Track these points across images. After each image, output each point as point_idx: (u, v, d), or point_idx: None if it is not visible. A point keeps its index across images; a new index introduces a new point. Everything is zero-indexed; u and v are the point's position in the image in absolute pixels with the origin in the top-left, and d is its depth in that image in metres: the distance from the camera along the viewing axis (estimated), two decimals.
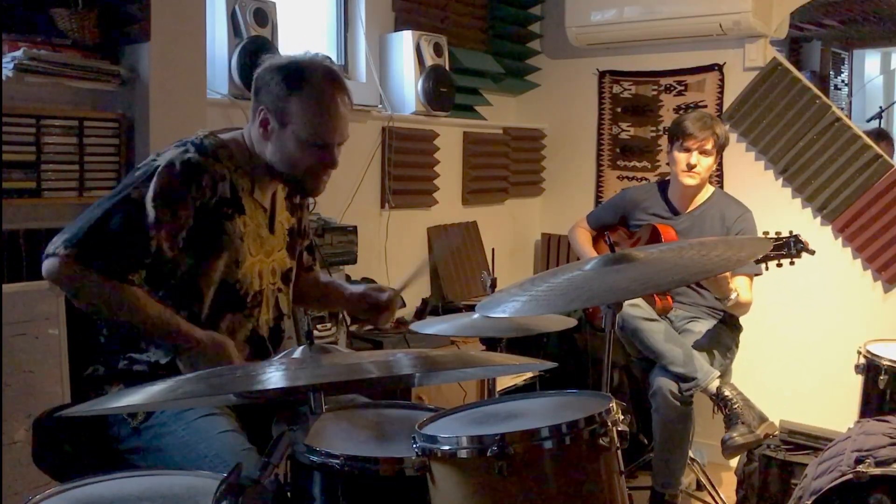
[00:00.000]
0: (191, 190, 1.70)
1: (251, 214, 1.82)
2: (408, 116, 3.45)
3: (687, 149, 2.97)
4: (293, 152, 1.77)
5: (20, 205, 2.17)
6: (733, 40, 3.67)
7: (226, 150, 1.80)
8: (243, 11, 2.70)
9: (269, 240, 1.88)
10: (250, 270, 1.82)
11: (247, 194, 1.81)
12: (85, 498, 1.25)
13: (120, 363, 1.74)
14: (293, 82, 1.74)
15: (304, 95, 1.74)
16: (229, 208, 1.77)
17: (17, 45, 2.17)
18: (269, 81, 1.76)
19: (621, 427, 1.35)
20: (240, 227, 1.78)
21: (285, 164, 1.79)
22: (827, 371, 3.46)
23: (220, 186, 1.75)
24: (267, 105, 1.76)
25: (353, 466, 1.38)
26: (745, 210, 3.05)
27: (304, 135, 1.75)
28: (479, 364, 1.61)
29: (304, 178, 1.81)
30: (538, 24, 4.31)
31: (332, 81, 1.77)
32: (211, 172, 1.73)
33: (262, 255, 1.85)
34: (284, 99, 1.74)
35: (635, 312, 2.86)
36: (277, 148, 1.78)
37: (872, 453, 1.89)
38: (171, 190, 1.68)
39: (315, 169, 1.80)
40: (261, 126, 1.78)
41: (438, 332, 2.05)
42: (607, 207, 3.37)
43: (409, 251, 3.59)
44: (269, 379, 1.18)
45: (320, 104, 1.75)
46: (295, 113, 1.74)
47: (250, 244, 1.81)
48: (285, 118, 1.75)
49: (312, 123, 1.75)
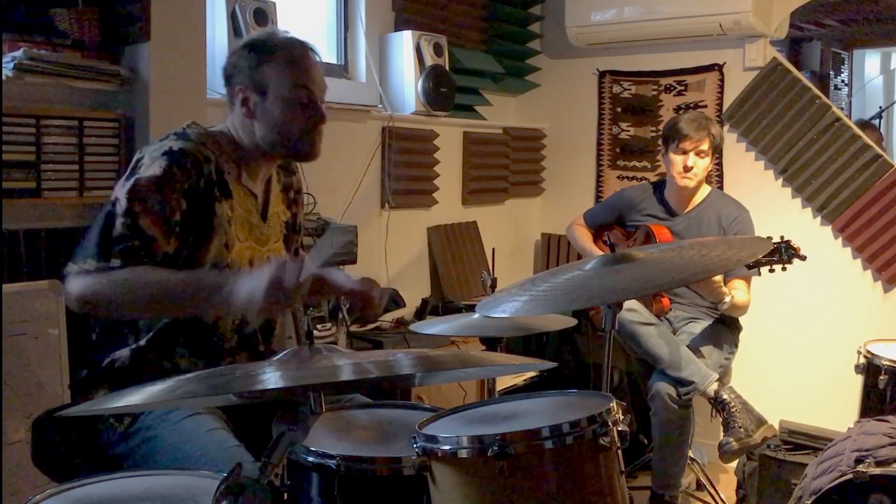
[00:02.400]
0: (174, 174, 1.69)
1: (239, 200, 1.81)
2: (408, 116, 3.45)
3: (683, 150, 2.96)
4: (280, 116, 1.78)
5: (20, 205, 2.17)
6: (733, 40, 3.67)
7: (210, 137, 1.80)
8: (243, 11, 2.70)
9: (260, 227, 1.87)
10: (240, 256, 1.80)
11: (234, 179, 1.81)
12: (85, 498, 1.25)
13: (104, 361, 1.74)
14: (262, 52, 1.78)
15: (275, 59, 1.78)
16: (217, 191, 1.76)
17: (17, 45, 2.17)
18: (238, 62, 1.80)
19: (621, 427, 1.35)
20: (226, 210, 1.77)
21: (275, 131, 1.79)
22: (827, 371, 3.46)
23: (206, 168, 1.74)
24: (242, 83, 1.79)
25: (350, 466, 1.38)
26: (743, 211, 3.04)
27: (286, 93, 1.77)
28: (479, 364, 1.61)
29: (298, 142, 1.82)
30: (538, 24, 4.31)
31: (297, 41, 1.83)
32: (194, 156, 1.73)
33: (252, 242, 1.84)
34: (257, 70, 1.78)
35: (632, 317, 2.85)
36: (263, 119, 1.79)
37: (872, 453, 1.89)
38: (155, 178, 1.67)
39: (306, 127, 1.81)
40: (242, 107, 1.80)
41: (438, 333, 2.05)
42: (604, 207, 3.37)
43: (409, 251, 3.59)
44: (269, 379, 1.18)
45: (293, 60, 1.79)
46: (271, 77, 1.77)
47: (238, 229, 1.80)
48: (263, 86, 1.78)
49: (290, 78, 1.77)
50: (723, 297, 2.78)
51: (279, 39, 1.81)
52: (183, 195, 1.69)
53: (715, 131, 2.98)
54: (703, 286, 2.77)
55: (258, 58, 1.78)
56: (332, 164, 3.15)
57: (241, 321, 1.83)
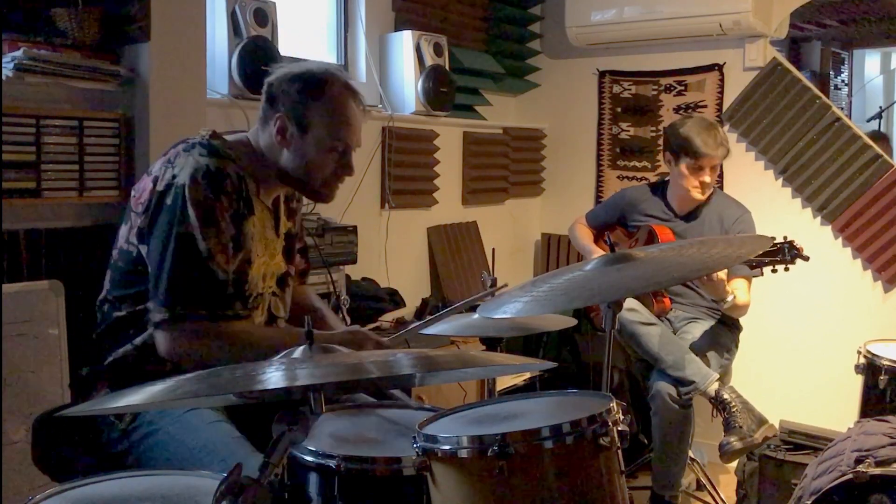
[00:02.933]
0: (221, 200, 1.71)
1: (259, 216, 1.83)
2: (408, 116, 3.45)
3: (700, 167, 2.94)
4: (314, 158, 1.82)
5: (20, 205, 2.17)
6: (733, 40, 3.67)
7: (234, 151, 1.80)
8: (243, 11, 2.70)
9: (273, 242, 1.89)
10: (257, 271, 1.83)
11: (254, 195, 1.82)
12: (85, 498, 1.25)
13: (107, 359, 1.74)
14: (313, 91, 1.80)
15: (324, 102, 1.80)
16: (246, 208, 1.78)
17: (17, 45, 2.17)
18: (288, 90, 1.80)
19: (622, 427, 1.34)
20: (250, 227, 1.79)
21: (304, 169, 1.83)
22: (827, 371, 3.46)
23: (242, 187, 1.77)
24: (285, 112, 1.80)
25: (350, 466, 1.38)
26: (745, 211, 3.04)
27: (325, 140, 1.81)
28: (479, 364, 1.60)
29: (322, 186, 1.87)
30: (538, 24, 4.31)
31: (350, 90, 1.85)
32: (230, 175, 1.74)
33: (266, 258, 1.86)
34: (305, 106, 1.79)
35: (633, 317, 2.85)
36: (296, 154, 1.82)
37: (872, 453, 1.89)
38: (206, 206, 1.69)
39: (333, 175, 1.86)
40: (278, 133, 1.81)
41: (438, 333, 2.05)
42: (606, 207, 3.37)
43: (409, 251, 3.59)
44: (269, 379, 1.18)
45: (341, 110, 1.82)
46: (315, 119, 1.80)
47: (257, 245, 1.82)
48: (305, 125, 1.80)
49: (334, 128, 1.81)
50: (726, 296, 2.78)
51: (333, 83, 1.82)
52: (230, 218, 1.73)
53: (726, 140, 2.96)
54: (708, 284, 2.76)
55: (308, 94, 1.79)
56: None
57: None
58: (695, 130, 2.94)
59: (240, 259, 1.76)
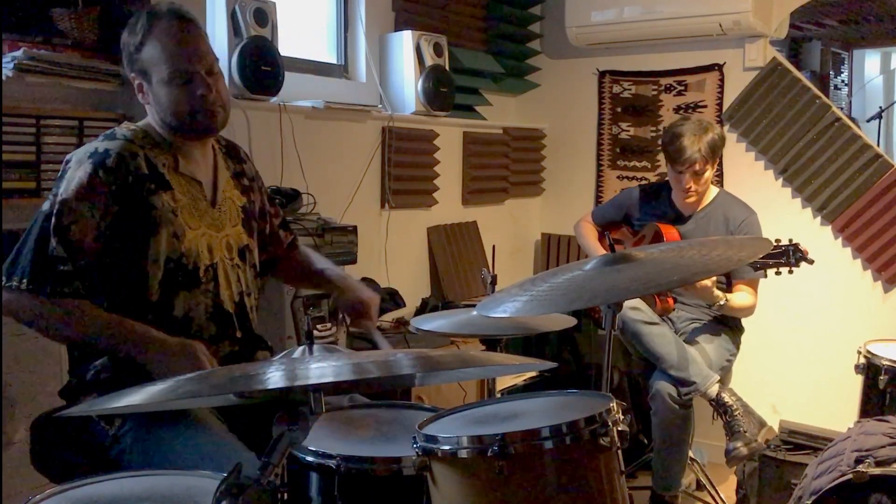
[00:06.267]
0: (98, 178, 1.69)
1: (181, 189, 1.80)
2: (408, 116, 3.44)
3: (679, 171, 2.92)
4: (167, 99, 1.76)
5: (20, 205, 2.17)
6: (733, 40, 3.67)
7: (138, 132, 1.79)
8: (243, 11, 2.69)
9: (211, 213, 1.85)
10: (195, 244, 1.79)
11: (170, 170, 1.80)
12: (85, 498, 1.25)
13: (88, 373, 1.74)
14: (139, 34, 1.75)
15: (151, 40, 1.74)
16: (151, 184, 1.75)
17: (17, 45, 2.17)
18: (123, 47, 1.78)
19: (621, 427, 1.35)
20: (168, 202, 1.76)
21: (169, 114, 1.77)
22: (827, 371, 3.46)
23: (132, 164, 1.73)
24: (134, 72, 1.78)
25: (350, 466, 1.38)
26: (750, 213, 3.01)
27: (165, 76, 1.74)
28: (479, 364, 1.60)
29: (194, 120, 1.78)
30: (538, 24, 4.31)
31: (173, 15, 1.76)
32: (119, 154, 1.72)
33: (205, 228, 1.83)
34: (138, 54, 1.75)
35: (635, 316, 2.85)
36: (156, 104, 1.78)
37: (872, 453, 1.89)
38: (81, 187, 1.68)
39: (196, 105, 1.77)
40: (139, 93, 1.79)
41: (438, 329, 2.04)
42: (612, 205, 3.35)
43: (409, 251, 3.59)
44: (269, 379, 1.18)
45: (165, 41, 1.74)
46: (150, 60, 1.75)
47: (186, 218, 1.79)
48: (146, 71, 1.76)
49: (168, 60, 1.74)
50: (716, 301, 2.78)
51: (154, 18, 1.75)
52: (112, 197, 1.69)
53: (710, 146, 2.86)
54: (694, 290, 2.76)
55: (137, 42, 1.75)
56: (332, 164, 3.15)
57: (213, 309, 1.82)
58: (676, 135, 2.90)
59: (164, 238, 1.73)
